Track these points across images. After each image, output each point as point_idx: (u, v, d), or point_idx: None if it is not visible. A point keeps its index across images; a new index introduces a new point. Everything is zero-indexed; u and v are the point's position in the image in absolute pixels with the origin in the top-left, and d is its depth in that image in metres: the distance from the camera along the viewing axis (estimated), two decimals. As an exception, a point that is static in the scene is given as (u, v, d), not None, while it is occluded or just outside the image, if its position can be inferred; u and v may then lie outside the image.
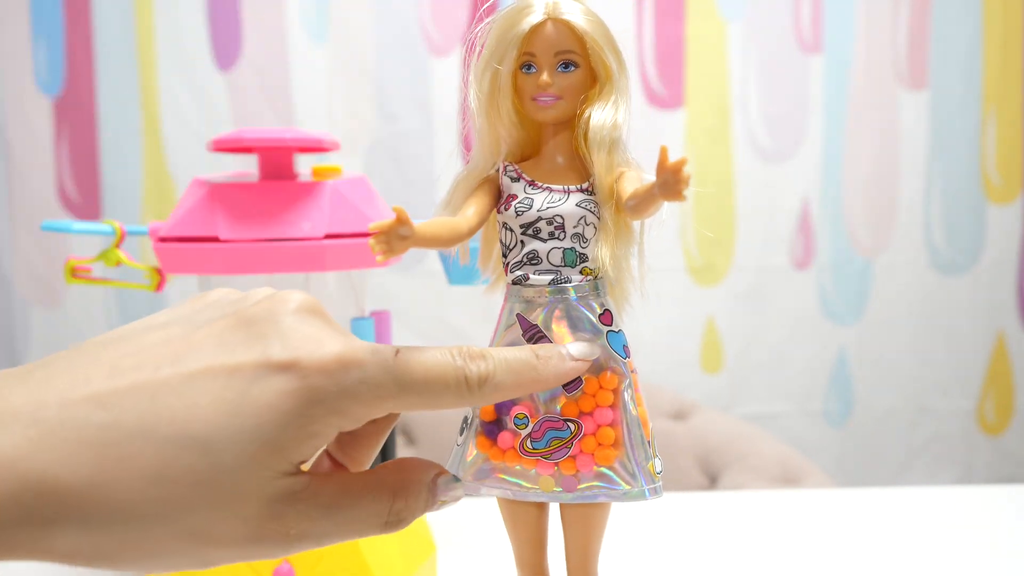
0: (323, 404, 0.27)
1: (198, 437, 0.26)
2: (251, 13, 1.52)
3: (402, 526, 0.31)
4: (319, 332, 0.28)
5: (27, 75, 1.52)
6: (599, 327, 0.37)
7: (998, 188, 1.60)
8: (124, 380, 0.26)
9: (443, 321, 1.55)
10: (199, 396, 0.26)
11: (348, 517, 0.29)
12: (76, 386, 0.26)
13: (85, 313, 1.56)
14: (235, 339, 0.28)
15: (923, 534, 0.70)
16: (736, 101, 1.55)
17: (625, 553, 0.66)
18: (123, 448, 0.25)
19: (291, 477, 0.28)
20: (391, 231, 0.33)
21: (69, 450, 0.25)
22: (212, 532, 0.27)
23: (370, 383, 0.28)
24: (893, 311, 1.60)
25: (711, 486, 1.17)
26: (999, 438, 1.64)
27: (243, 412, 0.26)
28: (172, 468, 0.26)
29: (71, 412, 0.26)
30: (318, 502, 0.28)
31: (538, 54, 0.37)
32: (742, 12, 1.53)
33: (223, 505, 0.27)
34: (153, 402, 0.26)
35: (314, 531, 0.28)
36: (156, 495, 0.26)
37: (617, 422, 0.36)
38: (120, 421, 0.26)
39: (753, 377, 1.60)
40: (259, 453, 0.27)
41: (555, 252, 0.37)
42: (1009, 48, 1.57)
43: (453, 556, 0.64)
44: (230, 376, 0.27)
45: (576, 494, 0.37)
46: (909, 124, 1.57)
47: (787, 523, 0.74)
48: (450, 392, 0.29)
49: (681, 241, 1.57)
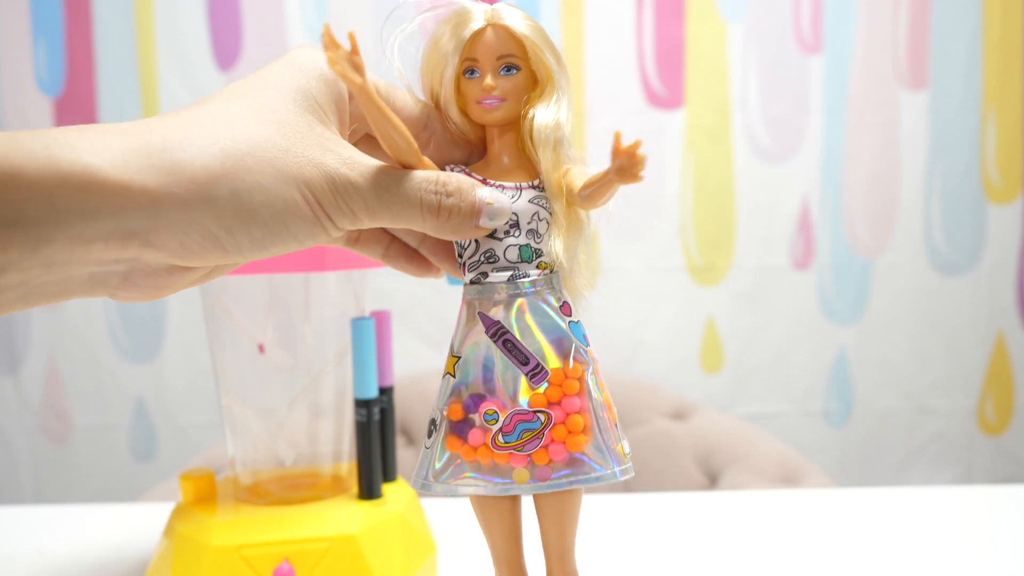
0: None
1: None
2: (251, 13, 1.52)
3: (446, 214, 0.36)
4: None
5: (27, 75, 1.52)
6: (561, 319, 0.38)
7: (998, 188, 1.60)
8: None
9: (443, 321, 1.55)
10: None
11: (396, 176, 0.35)
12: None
13: (85, 313, 1.56)
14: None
15: (923, 534, 0.70)
16: (736, 101, 1.55)
17: (625, 553, 0.66)
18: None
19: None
20: (344, 54, 0.34)
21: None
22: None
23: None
24: (893, 311, 1.60)
25: (711, 486, 1.17)
26: (999, 438, 1.64)
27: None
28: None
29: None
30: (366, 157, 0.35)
31: (480, 59, 0.38)
32: (742, 12, 1.53)
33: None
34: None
35: (362, 164, 0.34)
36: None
37: (585, 409, 0.37)
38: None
39: (753, 377, 1.60)
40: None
41: (511, 249, 0.38)
42: (1009, 48, 1.57)
43: (453, 556, 0.64)
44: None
45: (550, 483, 0.37)
46: (909, 124, 1.57)
47: (787, 523, 0.74)
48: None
49: (681, 241, 1.58)
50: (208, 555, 0.53)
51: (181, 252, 0.31)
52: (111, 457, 1.59)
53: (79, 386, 1.58)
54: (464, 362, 0.38)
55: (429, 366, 1.41)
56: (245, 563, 0.53)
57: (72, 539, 0.71)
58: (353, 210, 0.34)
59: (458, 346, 0.39)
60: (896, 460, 1.63)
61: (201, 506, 0.58)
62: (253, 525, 0.55)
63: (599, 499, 0.78)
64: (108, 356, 1.57)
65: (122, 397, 1.58)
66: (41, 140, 0.28)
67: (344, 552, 0.54)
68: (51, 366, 1.58)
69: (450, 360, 0.39)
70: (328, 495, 0.60)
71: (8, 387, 1.58)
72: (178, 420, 1.58)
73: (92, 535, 0.72)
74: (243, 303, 0.61)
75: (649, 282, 1.58)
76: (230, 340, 0.61)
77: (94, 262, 0.30)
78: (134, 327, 1.57)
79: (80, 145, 0.28)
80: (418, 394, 1.22)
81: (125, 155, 0.29)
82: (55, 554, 0.68)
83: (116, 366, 1.57)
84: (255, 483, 0.63)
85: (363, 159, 0.35)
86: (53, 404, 1.58)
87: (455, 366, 0.39)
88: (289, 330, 0.62)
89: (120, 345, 1.57)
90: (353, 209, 0.34)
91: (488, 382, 0.38)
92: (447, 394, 0.39)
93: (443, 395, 0.39)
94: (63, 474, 1.59)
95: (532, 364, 0.37)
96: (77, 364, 1.57)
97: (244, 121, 0.32)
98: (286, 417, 0.62)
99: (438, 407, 0.39)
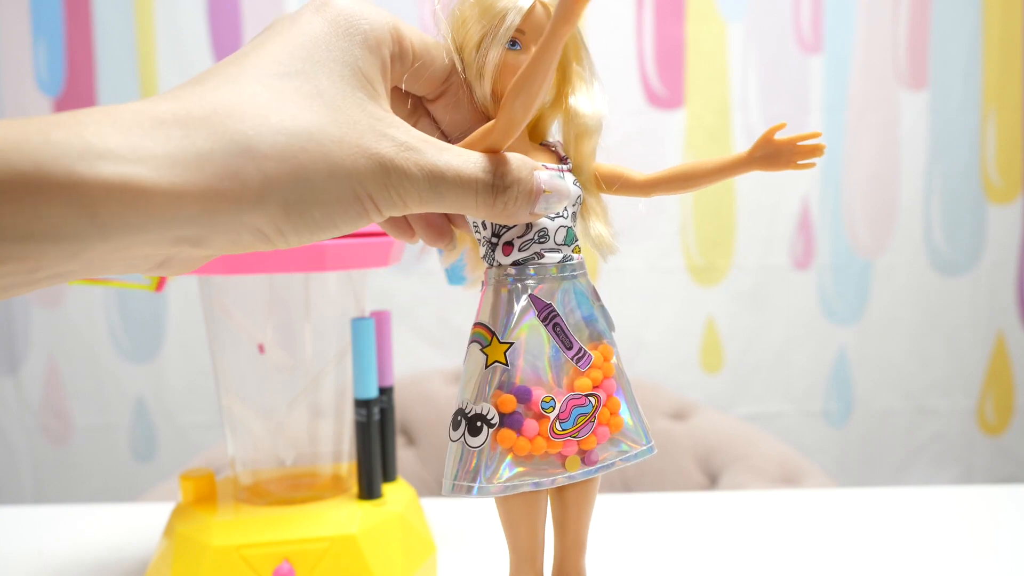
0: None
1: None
2: (251, 13, 1.52)
3: (502, 203, 0.34)
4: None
5: (27, 75, 1.52)
6: (595, 302, 0.39)
7: (998, 188, 1.60)
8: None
9: (443, 321, 1.55)
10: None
11: (451, 163, 0.33)
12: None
13: (85, 313, 1.56)
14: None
15: (923, 534, 0.70)
16: (736, 101, 1.55)
17: (625, 553, 0.66)
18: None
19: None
20: None
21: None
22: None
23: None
24: (893, 311, 1.60)
25: (711, 486, 1.17)
26: (999, 438, 1.64)
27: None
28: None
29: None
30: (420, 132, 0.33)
31: (528, 32, 0.37)
32: (742, 12, 1.53)
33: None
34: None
35: (415, 146, 0.32)
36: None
37: (620, 389, 0.38)
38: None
39: (753, 377, 1.60)
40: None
41: (561, 231, 0.38)
42: (1009, 48, 1.57)
43: (453, 556, 0.64)
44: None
45: (600, 466, 0.38)
46: (909, 124, 1.57)
47: (787, 523, 0.74)
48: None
49: (681, 241, 1.58)
50: (208, 555, 0.53)
51: (230, 249, 0.30)
52: (111, 457, 1.59)
53: (79, 386, 1.58)
54: (513, 349, 0.36)
55: (429, 366, 1.41)
56: (245, 563, 0.53)
57: (72, 539, 0.71)
58: (405, 200, 0.32)
59: (506, 332, 0.36)
60: (896, 460, 1.63)
61: (201, 506, 0.58)
62: (253, 525, 0.55)
63: (599, 499, 0.78)
64: (108, 356, 1.57)
65: (122, 397, 1.58)
66: (70, 144, 0.25)
67: (344, 552, 0.54)
68: (51, 366, 1.58)
69: (497, 348, 0.36)
70: (328, 495, 0.60)
71: (8, 387, 1.58)
72: (178, 420, 1.58)
73: (92, 535, 0.72)
74: (243, 303, 0.61)
75: (649, 282, 1.58)
76: (230, 340, 0.61)
77: (136, 259, 0.29)
78: (134, 327, 1.57)
79: (120, 152, 0.25)
80: (418, 394, 1.22)
81: (172, 160, 0.27)
82: (55, 554, 0.68)
83: (116, 366, 1.57)
84: (255, 483, 0.63)
85: (418, 142, 0.32)
86: (53, 404, 1.58)
87: (505, 353, 0.36)
88: (289, 330, 0.62)
89: (120, 345, 1.57)
90: (405, 200, 0.32)
91: (536, 370, 0.36)
92: (493, 385, 0.36)
93: (487, 386, 0.36)
94: (63, 474, 1.59)
95: (576, 348, 0.37)
96: (77, 364, 1.57)
97: (292, 108, 0.30)
98: (286, 417, 0.62)
99: (478, 399, 0.36)
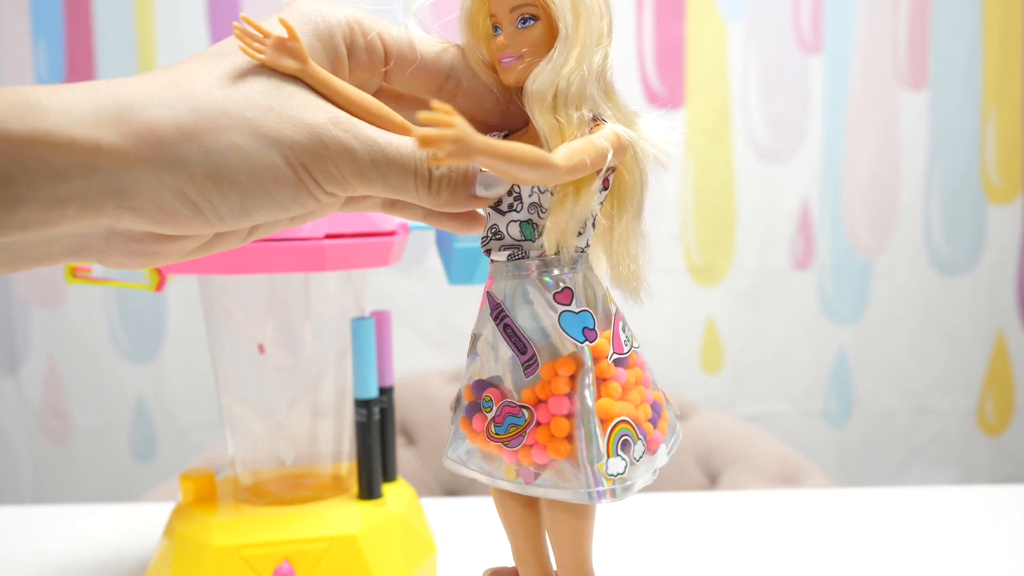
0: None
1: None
2: (251, 13, 1.51)
3: (436, 184, 0.32)
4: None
5: (27, 75, 1.52)
6: (554, 306, 0.34)
7: (998, 188, 1.60)
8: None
9: (443, 321, 1.55)
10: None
11: (391, 140, 0.32)
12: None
13: (85, 313, 1.56)
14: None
15: (923, 534, 0.70)
16: (736, 101, 1.55)
17: (625, 553, 0.66)
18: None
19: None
20: (275, 41, 0.31)
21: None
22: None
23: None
24: (893, 311, 1.60)
25: (711, 486, 1.17)
26: (999, 438, 1.64)
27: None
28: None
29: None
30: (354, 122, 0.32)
31: (498, 13, 0.34)
32: (742, 12, 1.53)
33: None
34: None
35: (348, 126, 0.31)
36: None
37: (573, 413, 0.33)
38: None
39: (753, 377, 1.60)
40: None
41: (512, 225, 0.34)
42: (1009, 48, 1.57)
43: (453, 556, 0.64)
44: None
45: (533, 487, 0.34)
46: (909, 124, 1.57)
47: (787, 523, 0.74)
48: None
49: (681, 241, 1.58)
50: (208, 555, 0.53)
51: (159, 217, 0.30)
52: (111, 457, 1.59)
53: (79, 386, 1.58)
54: (483, 341, 0.36)
55: (429, 366, 1.41)
56: (245, 563, 0.53)
57: (72, 539, 0.71)
58: (344, 175, 0.31)
59: (477, 324, 0.36)
60: (896, 460, 1.63)
61: (201, 506, 0.58)
62: (253, 525, 0.55)
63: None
64: (108, 356, 1.57)
65: (122, 397, 1.58)
66: (7, 99, 0.27)
67: (344, 552, 0.54)
68: (51, 366, 1.58)
69: (471, 339, 0.36)
70: (328, 495, 0.60)
71: (8, 387, 1.58)
72: (178, 420, 1.58)
73: (92, 535, 0.72)
74: (243, 303, 0.61)
75: (649, 282, 1.57)
76: (230, 340, 0.61)
77: (71, 226, 0.29)
78: (134, 327, 1.57)
79: (49, 104, 0.27)
80: (418, 394, 1.22)
81: (96, 114, 0.28)
82: (55, 554, 0.68)
83: (116, 366, 1.57)
84: (255, 483, 0.63)
85: (354, 120, 0.32)
86: (53, 404, 1.58)
87: (476, 344, 0.36)
88: (289, 330, 0.62)
89: (120, 345, 1.57)
90: (344, 174, 0.31)
91: (495, 368, 0.35)
92: (466, 372, 0.37)
93: (464, 374, 0.37)
94: (63, 474, 1.59)
95: (528, 353, 0.34)
96: (77, 364, 1.57)
97: (223, 79, 0.30)
98: (286, 417, 0.62)
99: (462, 382, 0.37)
